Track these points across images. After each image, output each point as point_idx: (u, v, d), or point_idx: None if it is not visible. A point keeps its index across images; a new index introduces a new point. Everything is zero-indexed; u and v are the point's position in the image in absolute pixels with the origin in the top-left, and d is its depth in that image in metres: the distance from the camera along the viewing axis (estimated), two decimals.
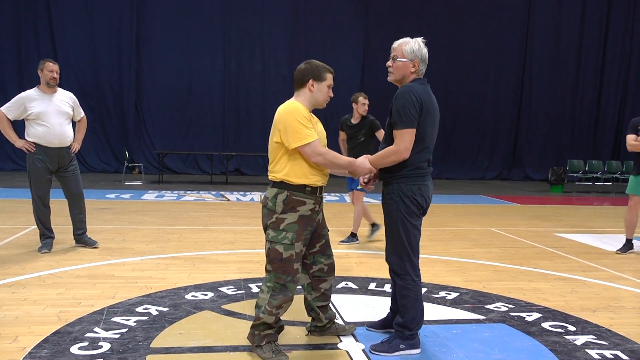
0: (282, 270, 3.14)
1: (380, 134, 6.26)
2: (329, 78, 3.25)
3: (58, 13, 14.68)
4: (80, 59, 14.89)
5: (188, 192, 11.30)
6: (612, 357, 3.36)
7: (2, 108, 5.45)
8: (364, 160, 3.28)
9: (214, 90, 15.77)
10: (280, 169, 3.15)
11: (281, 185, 3.15)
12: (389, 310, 3.69)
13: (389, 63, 3.33)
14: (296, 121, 3.07)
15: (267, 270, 3.22)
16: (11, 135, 5.47)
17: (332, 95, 3.30)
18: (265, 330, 3.20)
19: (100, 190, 10.86)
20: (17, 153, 14.79)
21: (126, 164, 13.50)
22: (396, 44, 3.31)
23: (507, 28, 16.94)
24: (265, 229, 3.21)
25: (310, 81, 3.20)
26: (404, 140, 3.14)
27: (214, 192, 11.36)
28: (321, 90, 3.23)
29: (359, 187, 6.19)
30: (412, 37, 3.34)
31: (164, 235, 6.64)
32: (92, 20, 14.88)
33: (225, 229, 7.25)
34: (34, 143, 5.45)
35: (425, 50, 3.31)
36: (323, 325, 3.52)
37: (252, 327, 3.26)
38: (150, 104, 15.54)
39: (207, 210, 8.82)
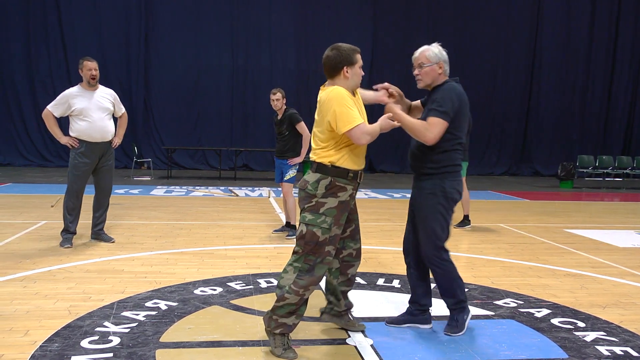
0: (313, 252, 3.15)
1: (300, 126, 6.29)
2: (359, 58, 3.26)
3: (67, 8, 14.73)
4: (88, 54, 14.84)
5: (197, 187, 11.33)
6: (622, 353, 3.34)
7: (48, 106, 5.63)
8: (391, 111, 3.30)
9: (222, 86, 15.79)
10: (330, 155, 3.17)
11: (325, 170, 3.16)
12: (408, 305, 3.73)
13: (416, 72, 3.47)
14: (343, 106, 3.09)
15: (294, 252, 3.21)
16: (57, 132, 5.65)
17: (364, 73, 3.30)
18: (283, 318, 3.16)
19: None
20: (28, 149, 14.90)
21: (135, 159, 13.57)
22: (417, 52, 3.46)
23: (516, 22, 16.79)
24: (302, 211, 3.22)
25: (345, 68, 3.19)
26: (436, 128, 3.29)
27: (222, 188, 11.39)
28: (356, 73, 3.24)
29: (286, 178, 6.37)
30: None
31: (173, 231, 6.67)
32: (101, 15, 14.91)
33: (233, 224, 7.27)
34: (77, 139, 5.59)
35: (445, 52, 3.48)
36: (340, 311, 3.53)
37: (272, 309, 3.19)
38: (159, 99, 15.58)
39: (216, 206, 8.85)
